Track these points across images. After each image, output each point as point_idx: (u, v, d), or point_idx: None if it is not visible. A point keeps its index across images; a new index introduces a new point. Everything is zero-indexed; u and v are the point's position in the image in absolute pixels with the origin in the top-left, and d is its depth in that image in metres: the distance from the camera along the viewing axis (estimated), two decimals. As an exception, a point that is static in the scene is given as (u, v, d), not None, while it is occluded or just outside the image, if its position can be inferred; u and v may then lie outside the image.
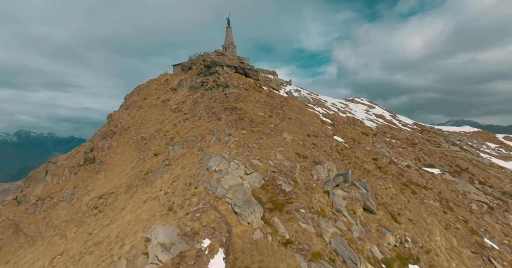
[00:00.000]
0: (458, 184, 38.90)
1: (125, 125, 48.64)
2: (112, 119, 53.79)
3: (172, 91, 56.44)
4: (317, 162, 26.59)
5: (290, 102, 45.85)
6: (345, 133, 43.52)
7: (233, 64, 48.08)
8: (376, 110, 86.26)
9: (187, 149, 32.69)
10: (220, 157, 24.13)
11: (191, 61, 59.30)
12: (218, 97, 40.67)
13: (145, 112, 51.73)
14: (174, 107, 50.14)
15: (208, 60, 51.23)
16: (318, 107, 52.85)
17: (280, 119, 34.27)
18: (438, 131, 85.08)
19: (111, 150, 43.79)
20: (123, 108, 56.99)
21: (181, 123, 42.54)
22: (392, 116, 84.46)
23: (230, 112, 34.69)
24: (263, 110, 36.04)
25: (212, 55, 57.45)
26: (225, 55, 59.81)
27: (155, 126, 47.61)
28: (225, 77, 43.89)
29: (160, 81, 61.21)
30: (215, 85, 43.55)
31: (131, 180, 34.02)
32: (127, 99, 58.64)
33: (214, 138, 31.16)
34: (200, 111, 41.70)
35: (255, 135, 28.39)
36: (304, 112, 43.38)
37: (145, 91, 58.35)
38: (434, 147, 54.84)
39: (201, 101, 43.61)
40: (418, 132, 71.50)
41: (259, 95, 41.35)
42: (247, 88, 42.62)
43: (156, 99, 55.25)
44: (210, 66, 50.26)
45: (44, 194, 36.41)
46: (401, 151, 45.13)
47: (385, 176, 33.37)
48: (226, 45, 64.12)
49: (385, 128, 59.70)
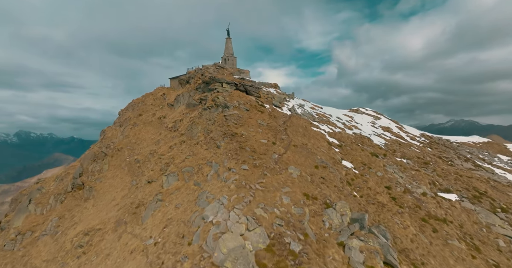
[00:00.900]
0: (480, 213, 35.57)
1: (118, 145, 45.57)
2: (105, 137, 50.76)
3: (169, 107, 53.47)
4: (328, 204, 23.37)
5: (294, 121, 42.77)
6: (354, 156, 40.33)
7: (233, 80, 45.16)
8: (382, 121, 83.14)
9: (182, 181, 29.53)
10: (218, 203, 20.95)
11: (189, 75, 56.45)
12: (217, 119, 37.63)
13: (139, 130, 48.69)
14: (170, 125, 47.13)
15: (206, 76, 48.36)
16: (324, 124, 49.75)
17: (285, 147, 31.14)
18: (447, 143, 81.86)
19: (102, 174, 40.66)
20: (116, 124, 53.98)
21: (177, 146, 39.48)
22: (399, 128, 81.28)
23: (230, 139, 31.60)
24: (266, 136, 32.94)
25: (211, 68, 54.63)
26: (224, 68, 57.01)
27: (150, 146, 44.54)
28: (225, 96, 40.92)
29: (157, 96, 58.30)
30: (214, 105, 40.55)
31: (121, 215, 30.82)
32: (121, 115, 55.67)
33: (212, 171, 28.01)
34: (198, 133, 38.65)
35: (258, 170, 25.24)
36: (310, 134, 40.25)
37: (141, 107, 55.39)
38: (447, 165, 51.57)
39: (199, 122, 40.59)
40: (427, 145, 68.27)
41: (261, 117, 38.29)
42: (248, 108, 39.60)
43: (152, 115, 52.27)
44: (209, 82, 47.38)
45: (26, 227, 33.27)
46: (414, 174, 41.87)
47: (401, 210, 30.11)
48: (225, 57, 61.35)
49: (394, 144, 56.49)
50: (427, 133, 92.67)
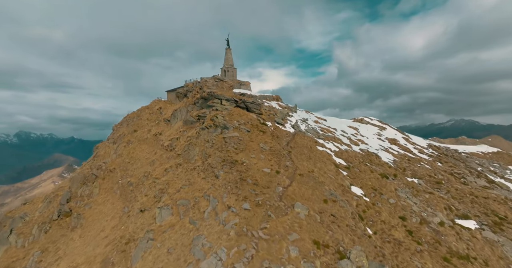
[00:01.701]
0: (504, 245, 32.46)
1: (110, 166, 42.71)
2: (97, 155, 47.91)
3: (165, 123, 50.71)
4: (341, 252, 20.38)
5: (298, 141, 39.91)
6: (363, 179, 37.37)
7: (233, 97, 42.43)
8: (388, 132, 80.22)
9: (176, 216, 26.59)
10: (216, 259, 18.00)
11: (187, 88, 53.81)
12: (216, 141, 34.80)
13: (134, 148, 45.86)
14: (166, 143, 44.31)
15: (205, 91, 45.69)
16: (329, 141, 46.86)
17: (290, 177, 28.22)
18: (456, 155, 78.82)
19: (92, 199, 37.75)
20: (110, 141, 51.17)
21: (173, 169, 36.60)
22: (405, 139, 78.32)
23: (230, 167, 28.73)
24: (269, 163, 30.04)
25: (209, 82, 51.97)
26: (224, 81, 54.34)
27: (144, 167, 41.68)
28: (224, 115, 38.14)
29: (153, 110, 55.57)
30: (212, 125, 37.76)
31: (109, 252, 27.84)
32: (115, 130, 52.89)
33: (209, 207, 25.09)
34: (195, 156, 35.79)
35: (261, 210, 22.31)
36: (315, 156, 37.35)
37: (136, 122, 52.61)
38: (460, 184, 48.52)
39: (196, 143, 37.76)
40: (436, 159, 65.25)
41: (263, 138, 35.45)
42: (249, 129, 36.79)
43: (147, 132, 49.48)
44: (207, 98, 44.69)
45: (3, 263, 30.27)
46: (428, 198, 38.85)
47: (420, 248, 27.10)
48: (225, 68, 58.73)
49: (403, 160, 53.50)
50: (434, 143, 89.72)
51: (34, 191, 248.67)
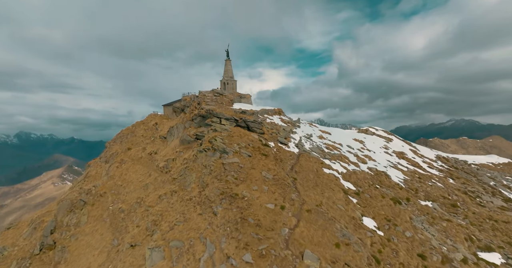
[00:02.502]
0: (534, 286, 29.15)
1: (101, 190, 39.66)
2: (88, 175, 44.89)
3: (161, 140, 47.78)
4: None
5: (304, 164, 36.86)
6: (375, 208, 34.18)
7: (233, 116, 39.53)
8: (395, 143, 77.11)
9: (169, 262, 23.45)
10: None
11: (184, 103, 51.00)
12: (214, 167, 31.77)
13: (127, 169, 42.86)
14: (162, 164, 41.31)
15: (204, 108, 42.88)
16: (336, 161, 43.77)
17: (296, 215, 25.12)
18: (466, 167, 75.51)
19: (79, 229, 34.65)
20: (102, 159, 48.20)
21: (167, 196, 33.53)
22: (413, 151, 75.17)
23: (229, 202, 25.67)
24: (272, 196, 26.96)
25: (208, 96, 49.17)
26: (223, 95, 51.54)
27: (137, 191, 38.63)
28: (223, 138, 35.18)
29: (148, 125, 52.67)
30: (210, 148, 34.79)
31: (93, 299, 24.70)
32: (108, 148, 49.93)
33: (206, 254, 21.97)
34: (191, 183, 32.76)
35: (265, 264, 19.20)
36: (322, 182, 34.27)
37: (130, 139, 49.69)
38: (476, 205, 45.26)
39: (193, 167, 34.74)
40: (447, 174, 62.02)
41: (265, 164, 32.42)
42: (251, 153, 33.79)
43: (142, 150, 46.50)
44: (206, 116, 41.85)
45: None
46: (445, 226, 35.60)
47: (445, 297, 23.92)
48: (225, 80, 55.99)
49: (414, 178, 50.31)
50: (442, 154, 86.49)
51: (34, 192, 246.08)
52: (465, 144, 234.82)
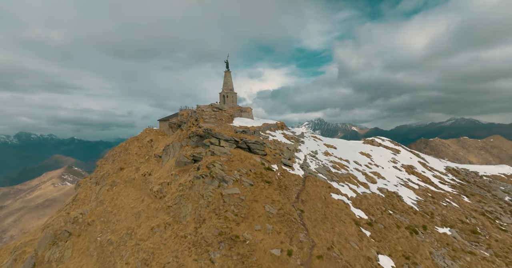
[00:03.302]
0: None
1: (89, 218, 36.40)
2: (77, 198, 41.65)
3: (156, 159, 44.61)
4: None
5: (310, 191, 33.58)
6: (391, 241, 30.79)
7: (233, 136, 36.36)
8: (402, 156, 73.73)
9: None
10: None
11: (181, 118, 47.91)
12: (213, 198, 28.55)
13: (118, 193, 39.64)
14: (156, 189, 38.08)
15: (201, 126, 39.77)
16: (344, 183, 40.46)
17: (306, 262, 21.81)
18: (479, 181, 71.97)
19: (62, 266, 31.30)
20: (92, 180, 44.98)
21: (160, 229, 30.25)
22: (422, 164, 71.77)
23: (229, 247, 22.40)
24: (278, 238, 23.66)
25: (206, 112, 46.10)
26: (223, 110, 48.45)
27: (129, 220, 35.35)
28: (222, 163, 31.97)
29: (143, 142, 49.51)
30: (208, 175, 31.58)
31: None
32: (100, 167, 46.72)
33: (200, 317, 18.62)
34: (187, 215, 29.50)
35: None
36: (332, 213, 30.97)
37: (123, 157, 46.52)
38: (498, 231, 41.77)
39: (190, 196, 31.50)
40: (460, 190, 58.56)
41: (269, 195, 29.16)
42: (253, 181, 30.56)
43: (135, 171, 43.30)
44: (204, 136, 38.73)
45: None
46: (470, 261, 32.15)
47: None
48: (225, 93, 52.92)
49: (427, 198, 46.90)
50: (451, 164, 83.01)
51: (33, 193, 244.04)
52: (466, 144, 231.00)
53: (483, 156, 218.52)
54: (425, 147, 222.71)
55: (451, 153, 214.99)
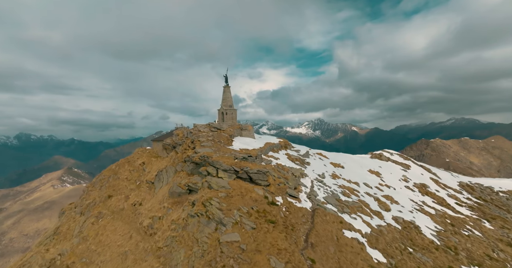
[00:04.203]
0: None
1: (68, 259, 32.17)
2: (58, 232, 37.47)
3: (148, 185, 40.54)
4: None
5: (320, 230, 29.39)
6: (417, 293, 26.53)
7: (233, 166, 32.35)
8: (413, 172, 69.47)
9: None
10: None
11: (176, 139, 44.01)
12: (208, 246, 24.41)
13: (104, 227, 35.46)
14: (146, 223, 33.92)
15: (198, 152, 35.85)
16: (356, 215, 36.23)
17: None
18: (496, 198, 67.49)
19: None
20: (77, 210, 40.82)
21: (148, 279, 26.08)
22: (435, 180, 67.44)
23: None
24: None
25: (204, 133, 42.21)
26: (221, 130, 44.54)
27: (114, 261, 31.08)
28: (220, 201, 27.90)
29: (134, 165, 45.47)
30: (204, 214, 27.51)
31: None
32: (86, 194, 42.55)
33: None
34: (178, 265, 25.31)
35: None
36: (347, 259, 26.73)
37: (112, 183, 42.45)
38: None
39: (182, 239, 27.35)
40: (479, 212, 54.15)
41: (274, 242, 25.00)
42: (254, 222, 26.46)
43: (125, 199, 39.20)
44: (200, 164, 34.79)
45: None
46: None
47: None
48: (223, 110, 49.09)
49: (447, 228, 42.52)
50: (463, 179, 78.48)
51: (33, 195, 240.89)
52: (467, 144, 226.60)
53: (484, 156, 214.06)
54: (426, 148, 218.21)
55: (452, 154, 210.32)
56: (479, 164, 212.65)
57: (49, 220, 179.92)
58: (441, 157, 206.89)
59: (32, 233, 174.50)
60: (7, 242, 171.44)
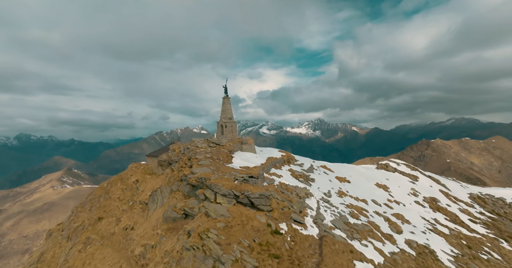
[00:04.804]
0: None
1: (53, 293, 29.15)
2: (42, 260, 34.44)
3: (142, 206, 37.62)
4: None
5: (330, 265, 26.39)
6: None
7: (233, 189, 29.51)
8: (421, 184, 66.46)
9: None
10: None
11: (172, 155, 41.23)
12: (203, 290, 21.45)
13: (92, 255, 32.46)
14: (138, 251, 30.95)
15: (194, 173, 33.06)
16: (367, 242, 33.22)
17: None
18: (507, 209, 64.54)
19: None
20: (64, 233, 37.78)
21: None
22: (445, 194, 64.37)
23: None
24: None
25: (202, 150, 39.44)
26: (220, 145, 41.76)
27: (101, 297, 28.16)
28: (218, 233, 25.01)
29: (127, 183, 42.57)
30: (201, 247, 24.61)
31: None
32: (74, 216, 39.46)
33: None
34: (170, 310, 22.35)
35: None
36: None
37: (103, 203, 39.53)
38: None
39: (175, 275, 24.44)
40: (495, 230, 51.04)
41: (279, 284, 22.02)
42: (257, 259, 23.51)
43: (116, 222, 36.24)
44: (197, 187, 31.98)
45: None
46: None
47: None
48: (223, 123, 46.39)
49: (464, 252, 39.43)
50: (473, 190, 75.30)
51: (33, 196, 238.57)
52: (467, 145, 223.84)
53: (485, 157, 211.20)
54: (426, 149, 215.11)
55: (453, 154, 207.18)
56: (480, 164, 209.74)
57: (48, 222, 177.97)
58: (441, 158, 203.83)
59: (31, 235, 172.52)
60: (6, 243, 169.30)
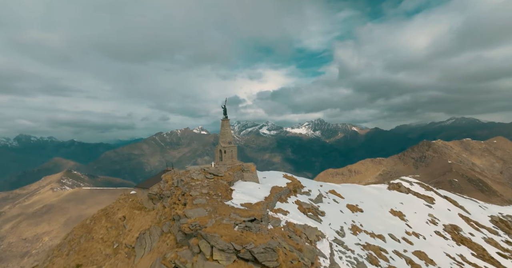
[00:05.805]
0: None
1: None
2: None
3: (127, 250, 32.57)
4: None
5: None
6: None
7: (232, 242, 24.55)
8: (438, 207, 61.11)
9: None
10: None
11: (164, 188, 36.42)
12: None
13: (66, 316, 27.31)
14: (118, 314, 25.87)
15: (188, 217, 28.22)
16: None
17: None
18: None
19: None
20: (40, 283, 32.69)
21: None
22: (465, 219, 58.96)
23: None
24: None
25: (198, 182, 34.65)
26: (219, 175, 36.97)
27: None
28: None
29: (113, 219, 37.52)
30: None
31: None
32: (50, 261, 34.10)
33: None
34: None
35: None
36: None
37: (83, 245, 34.45)
38: None
39: None
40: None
41: None
42: None
43: (97, 271, 31.16)
44: (190, 235, 27.10)
45: None
46: None
47: None
48: (222, 148, 41.65)
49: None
50: (493, 212, 69.76)
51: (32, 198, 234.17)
52: (469, 145, 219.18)
53: (486, 158, 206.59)
54: (427, 150, 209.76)
55: (455, 155, 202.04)
56: (482, 165, 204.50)
57: (47, 224, 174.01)
58: (443, 159, 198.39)
59: (30, 238, 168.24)
60: (5, 246, 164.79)
